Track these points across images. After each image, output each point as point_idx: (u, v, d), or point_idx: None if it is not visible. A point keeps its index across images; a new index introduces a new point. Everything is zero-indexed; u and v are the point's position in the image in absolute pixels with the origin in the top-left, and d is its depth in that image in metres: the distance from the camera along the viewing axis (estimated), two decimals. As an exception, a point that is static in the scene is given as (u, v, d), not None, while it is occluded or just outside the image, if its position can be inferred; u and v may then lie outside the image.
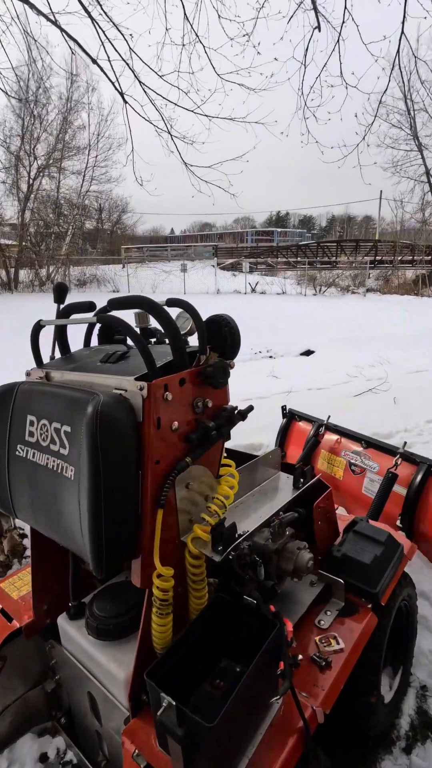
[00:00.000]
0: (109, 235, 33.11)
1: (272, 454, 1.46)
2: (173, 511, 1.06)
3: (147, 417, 0.97)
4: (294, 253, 27.01)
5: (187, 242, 46.39)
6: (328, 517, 1.58)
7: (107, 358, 1.19)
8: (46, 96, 16.39)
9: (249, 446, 4.11)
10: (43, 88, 11.81)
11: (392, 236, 27.81)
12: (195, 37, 4.76)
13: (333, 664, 1.22)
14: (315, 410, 3.39)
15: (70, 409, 1.00)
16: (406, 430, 3.98)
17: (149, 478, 0.99)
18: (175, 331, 1.05)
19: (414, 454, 2.31)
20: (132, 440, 0.96)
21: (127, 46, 5.08)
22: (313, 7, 4.18)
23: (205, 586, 1.12)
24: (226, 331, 1.17)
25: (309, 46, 4.60)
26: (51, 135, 21.43)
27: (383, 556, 1.50)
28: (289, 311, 14.89)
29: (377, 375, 6.22)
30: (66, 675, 1.39)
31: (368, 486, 2.52)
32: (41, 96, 13.96)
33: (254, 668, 0.97)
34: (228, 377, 1.14)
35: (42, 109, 19.43)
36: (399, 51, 4.25)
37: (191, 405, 1.08)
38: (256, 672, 0.99)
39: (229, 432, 1.81)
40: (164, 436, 1.01)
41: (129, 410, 0.97)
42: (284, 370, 7.18)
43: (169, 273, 21.60)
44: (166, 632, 1.04)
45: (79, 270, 22.68)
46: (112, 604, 1.28)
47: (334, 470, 2.76)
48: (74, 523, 0.99)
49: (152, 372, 1.00)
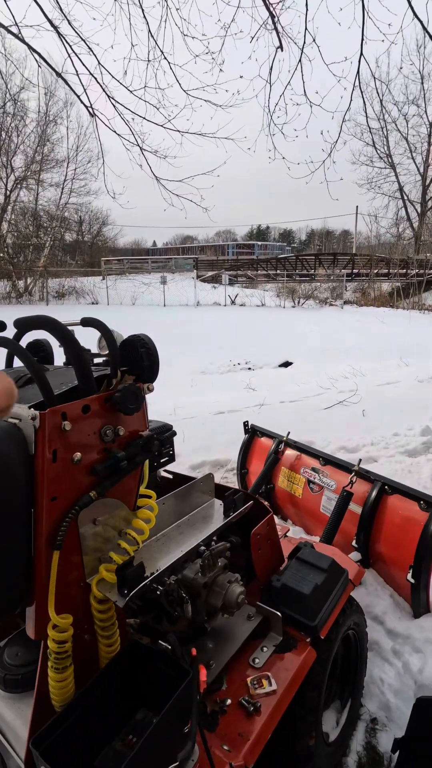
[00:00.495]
0: (89, 247, 32.98)
1: (204, 480, 1.38)
2: (77, 550, 0.97)
3: (40, 449, 0.89)
4: (273, 266, 27.36)
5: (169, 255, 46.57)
6: (270, 544, 1.51)
7: (14, 381, 1.10)
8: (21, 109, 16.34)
9: (215, 462, 4.03)
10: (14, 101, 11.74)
11: (368, 250, 28.51)
12: (161, 54, 4.79)
13: (262, 709, 1.14)
14: (285, 423, 3.34)
15: (-41, 440, 0.90)
16: (372, 443, 3.96)
17: (44, 516, 0.89)
18: (78, 353, 0.97)
19: (369, 472, 2.27)
20: (20, 474, 0.87)
21: (95, 60, 5.07)
22: (275, 28, 4.25)
23: (116, 632, 1.02)
24: (143, 353, 1.10)
25: (273, 65, 4.68)
26: (29, 147, 21.37)
27: (325, 585, 1.43)
28: (269, 323, 14.99)
29: (349, 387, 6.24)
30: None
31: (326, 504, 2.46)
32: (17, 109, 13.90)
33: (160, 724, 0.88)
34: (141, 402, 1.07)
35: (19, 122, 19.37)
36: (359, 71, 4.35)
37: (98, 434, 1.00)
38: (164, 727, 0.90)
39: (172, 452, 1.71)
40: (63, 469, 0.93)
41: (20, 441, 0.88)
42: (261, 382, 7.15)
43: (149, 285, 21.55)
44: (65, 687, 0.94)
45: (57, 282, 22.44)
46: (24, 651, 1.17)
47: (294, 488, 2.69)
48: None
49: (48, 399, 0.92)
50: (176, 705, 0.91)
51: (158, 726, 0.87)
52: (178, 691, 0.91)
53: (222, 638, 1.32)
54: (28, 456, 0.89)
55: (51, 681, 0.93)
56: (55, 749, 0.83)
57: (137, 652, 1.04)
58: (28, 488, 0.89)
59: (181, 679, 0.95)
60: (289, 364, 9.49)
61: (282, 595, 1.38)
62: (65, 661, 0.92)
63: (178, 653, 1.01)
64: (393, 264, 22.08)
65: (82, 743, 0.91)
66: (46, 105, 20.47)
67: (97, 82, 5.12)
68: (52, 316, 1.02)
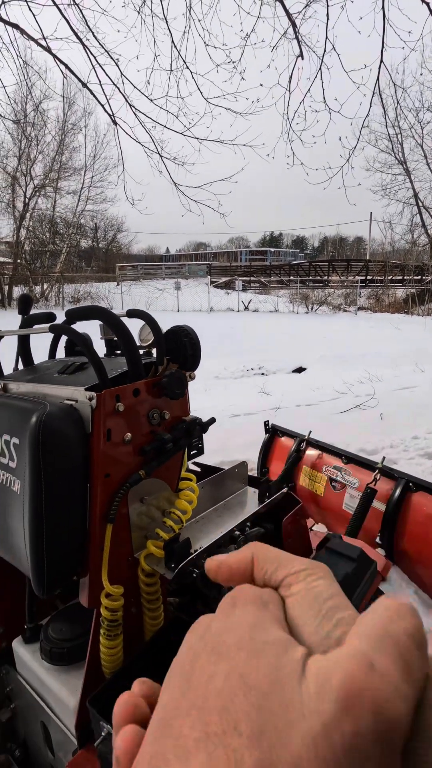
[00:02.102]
0: (104, 254, 33.50)
1: (238, 468, 1.43)
2: (126, 526, 1.03)
3: (96, 428, 0.94)
4: (287, 272, 27.42)
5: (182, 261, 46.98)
6: (299, 533, 1.54)
7: (65, 369, 1.17)
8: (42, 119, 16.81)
9: (233, 462, 4.04)
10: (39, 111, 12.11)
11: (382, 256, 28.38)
12: (183, 64, 4.92)
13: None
14: (302, 426, 3.37)
15: (19, 420, 0.97)
16: (391, 446, 3.96)
17: (98, 492, 0.95)
18: (129, 341, 1.04)
19: (393, 469, 2.29)
20: (78, 452, 0.93)
21: (118, 70, 5.23)
22: (296, 37, 4.35)
23: (161, 605, 1.07)
24: (186, 342, 1.16)
25: (293, 73, 4.77)
26: (47, 156, 21.89)
27: (355, 573, 1.46)
28: (282, 329, 15.02)
29: (365, 391, 6.23)
30: (21, 703, 1.32)
31: (348, 502, 2.48)
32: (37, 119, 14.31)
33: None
34: (185, 388, 1.12)
35: (39, 132, 19.89)
36: (379, 78, 4.41)
37: (147, 416, 1.06)
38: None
39: (201, 445, 1.77)
40: (115, 448, 0.98)
41: (77, 421, 0.94)
42: (275, 387, 7.18)
43: (162, 291, 21.81)
44: (115, 655, 0.99)
45: (73, 287, 22.84)
46: (68, 626, 1.22)
47: (315, 486, 2.72)
48: (20, 540, 0.95)
49: (103, 382, 0.98)
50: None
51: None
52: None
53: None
54: (84, 434, 0.95)
55: (102, 648, 0.98)
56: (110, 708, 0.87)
57: (180, 628, 1.09)
58: (84, 465, 0.95)
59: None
60: (302, 369, 9.50)
61: (313, 582, 1.42)
62: (116, 629, 0.97)
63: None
64: (408, 270, 21.95)
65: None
66: (64, 114, 21.04)
67: (120, 92, 5.27)
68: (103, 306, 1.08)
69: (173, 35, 4.62)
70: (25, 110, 13.55)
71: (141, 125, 5.45)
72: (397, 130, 24.18)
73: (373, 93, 4.53)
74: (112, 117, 5.35)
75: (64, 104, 19.82)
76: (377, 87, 4.41)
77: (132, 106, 5.36)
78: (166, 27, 4.64)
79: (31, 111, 12.81)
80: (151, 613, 1.06)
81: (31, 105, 12.07)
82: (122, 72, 5.23)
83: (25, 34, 4.24)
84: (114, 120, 5.44)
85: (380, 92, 4.50)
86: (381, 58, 4.19)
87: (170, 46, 4.75)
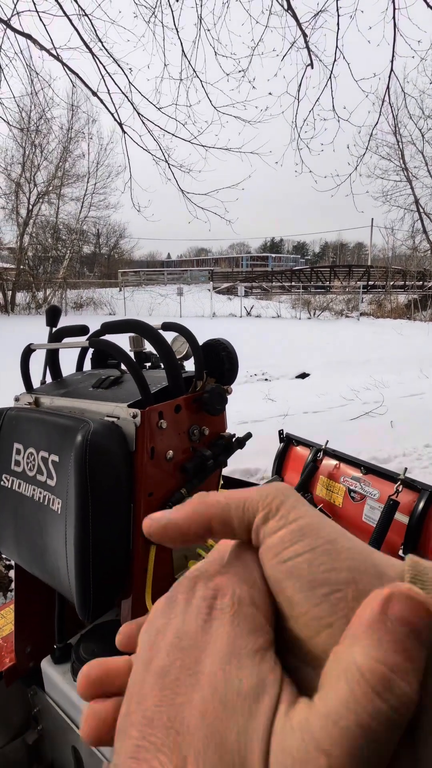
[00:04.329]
0: (106, 260, 33.63)
1: (272, 482, 1.41)
2: (167, 547, 1.00)
3: (140, 446, 0.92)
4: (288, 277, 27.51)
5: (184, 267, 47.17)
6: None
7: (100, 383, 1.15)
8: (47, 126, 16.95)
9: (245, 471, 4.03)
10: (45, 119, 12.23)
11: (384, 262, 28.49)
12: (192, 72, 4.95)
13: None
14: (312, 434, 3.34)
15: (59, 437, 0.95)
16: (404, 454, 3.93)
17: (141, 511, 0.93)
18: (170, 355, 1.01)
19: (415, 481, 2.25)
20: (123, 471, 0.90)
21: (127, 80, 5.26)
22: (306, 46, 4.37)
23: (201, 628, 1.04)
24: (224, 356, 1.14)
25: (302, 82, 4.80)
26: (51, 163, 22.03)
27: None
28: (285, 334, 15.04)
29: (373, 398, 6.21)
30: (49, 725, 1.29)
31: (368, 514, 2.44)
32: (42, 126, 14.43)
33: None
34: (225, 403, 1.10)
35: (43, 139, 20.03)
36: (389, 87, 4.43)
37: (187, 433, 1.04)
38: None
39: (226, 460, 1.75)
40: (158, 466, 0.96)
41: (121, 439, 0.92)
42: (280, 393, 7.16)
43: (165, 296, 21.87)
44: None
45: (75, 293, 22.90)
46: (100, 646, 1.19)
47: (333, 497, 2.68)
48: (60, 561, 0.92)
49: (146, 398, 0.95)
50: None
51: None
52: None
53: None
54: (128, 453, 0.93)
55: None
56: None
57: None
58: (128, 484, 0.92)
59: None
60: (306, 375, 9.49)
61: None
62: (160, 654, 0.94)
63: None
64: (410, 276, 22.02)
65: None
66: (69, 121, 21.21)
67: (129, 101, 5.30)
68: (140, 320, 1.06)
69: (183, 45, 4.65)
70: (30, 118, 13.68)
71: (149, 133, 5.48)
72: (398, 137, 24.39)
73: (383, 102, 4.56)
74: (121, 125, 5.37)
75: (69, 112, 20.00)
76: (387, 95, 4.44)
77: (140, 114, 5.39)
78: (176, 36, 4.67)
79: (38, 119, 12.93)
80: (191, 635, 1.03)
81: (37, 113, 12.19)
82: (131, 81, 5.26)
83: (37, 44, 4.27)
84: (123, 128, 5.46)
85: (390, 101, 4.52)
86: (391, 68, 4.22)
87: (180, 56, 4.78)
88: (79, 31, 4.71)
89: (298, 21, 4.09)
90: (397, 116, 22.47)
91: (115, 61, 5.14)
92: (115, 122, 5.39)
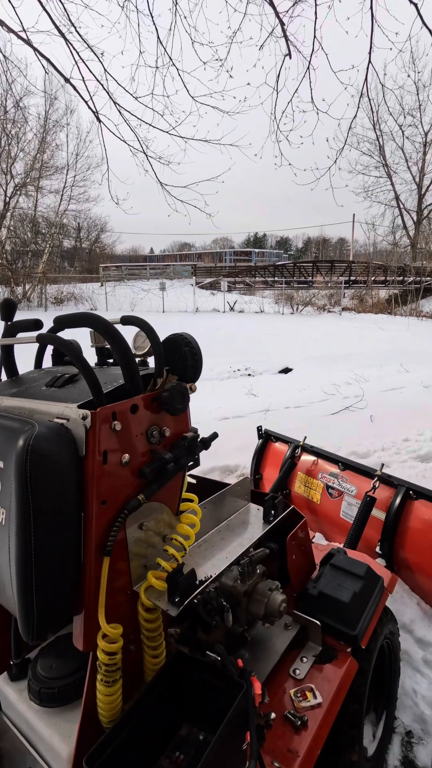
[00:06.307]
0: (87, 254, 33.03)
1: (240, 485, 1.35)
2: (124, 556, 0.93)
3: (90, 450, 0.85)
4: (271, 272, 27.49)
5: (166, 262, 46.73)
6: (303, 550, 1.47)
7: (53, 381, 1.07)
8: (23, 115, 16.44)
9: (224, 468, 3.98)
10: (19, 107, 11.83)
11: (365, 257, 28.74)
12: (169, 60, 4.82)
13: (309, 723, 1.09)
14: (292, 429, 3.31)
15: (4, 441, 0.87)
16: (383, 449, 3.93)
17: (93, 521, 0.85)
18: (125, 352, 0.94)
19: (392, 477, 2.23)
20: (71, 478, 0.83)
21: (102, 67, 5.09)
22: (284, 36, 4.29)
23: (162, 642, 0.98)
24: (186, 351, 1.07)
25: (281, 73, 4.72)
26: (28, 154, 21.44)
27: (363, 592, 1.39)
28: (268, 329, 15.01)
29: (354, 392, 6.23)
30: (6, 746, 1.21)
31: (346, 510, 2.42)
32: (17, 115, 13.98)
33: (217, 741, 0.83)
34: (187, 402, 1.03)
35: (20, 129, 19.46)
36: (367, 79, 4.39)
37: (145, 434, 0.97)
38: (220, 745, 0.85)
39: (198, 458, 1.68)
40: (112, 471, 0.89)
41: (69, 443, 0.85)
42: (263, 388, 7.12)
43: (147, 291, 21.57)
44: (114, 702, 0.89)
45: (56, 288, 22.42)
46: (59, 662, 1.12)
47: (311, 493, 2.65)
48: (4, 575, 0.84)
49: (98, 398, 0.88)
50: (231, 722, 0.87)
51: (217, 743, 0.82)
52: (235, 705, 0.87)
53: (260, 648, 1.27)
54: (77, 458, 0.85)
55: (99, 695, 0.88)
56: (109, 765, 0.78)
57: (183, 663, 1.00)
58: (78, 492, 0.85)
59: (231, 692, 0.91)
60: (289, 370, 9.49)
61: (319, 603, 1.34)
62: (115, 674, 0.88)
63: (228, 665, 0.96)
64: (390, 271, 22.25)
65: (131, 761, 0.87)
66: (46, 111, 20.64)
67: (104, 89, 5.14)
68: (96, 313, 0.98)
69: (159, 31, 4.52)
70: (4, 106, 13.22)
71: (126, 123, 5.33)
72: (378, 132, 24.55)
73: (361, 94, 4.51)
74: (96, 114, 5.21)
75: (45, 101, 19.46)
76: (365, 88, 4.40)
77: (116, 103, 5.23)
78: (152, 23, 4.53)
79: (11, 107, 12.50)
80: (151, 651, 0.97)
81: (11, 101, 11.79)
82: (106, 68, 5.10)
83: (5, 25, 4.08)
84: (98, 117, 5.30)
85: (368, 93, 4.48)
86: (369, 59, 4.17)
87: (156, 43, 4.64)
88: (50, 13, 4.52)
89: (275, 9, 4.00)
90: (377, 112, 22.59)
91: (89, 47, 4.96)
92: (90, 111, 5.22)
